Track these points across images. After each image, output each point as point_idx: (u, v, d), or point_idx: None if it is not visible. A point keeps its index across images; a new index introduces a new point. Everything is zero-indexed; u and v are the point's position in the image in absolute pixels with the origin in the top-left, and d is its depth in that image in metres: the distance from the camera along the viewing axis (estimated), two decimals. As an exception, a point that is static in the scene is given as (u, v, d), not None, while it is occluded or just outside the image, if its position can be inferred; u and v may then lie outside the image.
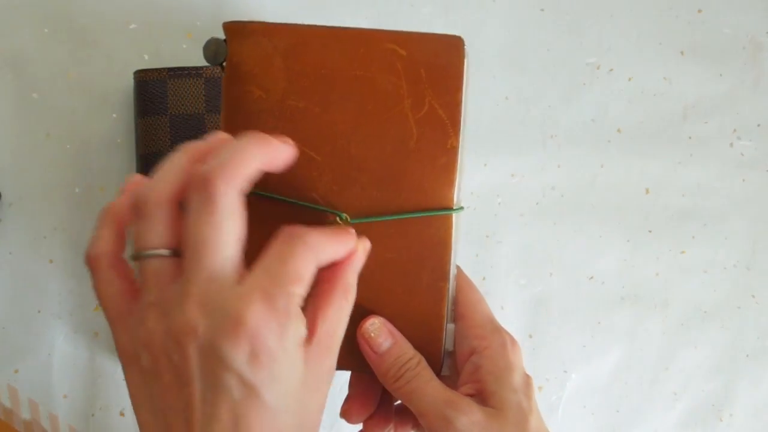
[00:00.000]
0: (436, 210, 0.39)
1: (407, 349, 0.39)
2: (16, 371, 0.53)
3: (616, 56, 0.59)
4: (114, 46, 0.54)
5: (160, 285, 0.32)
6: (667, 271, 0.59)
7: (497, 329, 0.40)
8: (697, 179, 0.59)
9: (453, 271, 0.40)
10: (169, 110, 0.52)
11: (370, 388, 0.41)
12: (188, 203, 0.31)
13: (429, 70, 0.39)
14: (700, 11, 0.60)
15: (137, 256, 0.33)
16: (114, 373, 0.54)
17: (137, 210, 0.33)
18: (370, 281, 0.39)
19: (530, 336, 0.58)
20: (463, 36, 0.40)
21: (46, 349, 0.53)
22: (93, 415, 0.54)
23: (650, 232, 0.59)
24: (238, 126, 0.38)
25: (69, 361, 0.53)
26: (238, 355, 0.29)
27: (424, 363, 0.38)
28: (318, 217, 0.38)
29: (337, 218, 0.38)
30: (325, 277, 0.34)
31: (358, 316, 0.39)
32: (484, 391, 0.38)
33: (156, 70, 0.52)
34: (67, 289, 0.54)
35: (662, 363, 0.59)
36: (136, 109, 0.52)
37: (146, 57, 0.55)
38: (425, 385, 0.38)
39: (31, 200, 0.53)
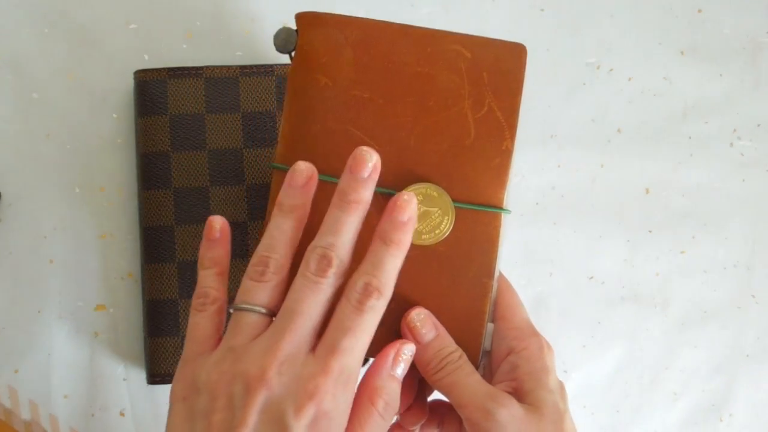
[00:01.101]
0: (487, 206, 0.40)
1: (449, 343, 0.39)
2: (16, 371, 0.53)
3: (616, 56, 0.59)
4: (114, 46, 0.54)
5: (248, 336, 0.35)
6: (667, 271, 0.59)
7: (535, 333, 0.41)
8: (697, 179, 0.59)
9: (497, 272, 0.41)
10: (169, 110, 0.52)
11: (408, 380, 0.41)
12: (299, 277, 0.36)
13: (491, 74, 0.41)
14: (700, 11, 0.60)
15: (239, 308, 0.36)
16: (114, 373, 0.54)
17: (258, 270, 0.37)
18: (419, 271, 0.40)
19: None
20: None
21: (46, 349, 0.53)
22: (93, 415, 0.54)
23: (650, 232, 0.59)
24: (300, 112, 0.40)
25: (69, 361, 0.53)
26: (300, 423, 0.32)
27: (465, 357, 0.39)
28: (376, 201, 0.38)
29: (402, 196, 0.38)
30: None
31: (404, 305, 0.40)
32: (521, 390, 0.38)
33: (156, 70, 0.52)
34: (67, 289, 0.54)
35: (662, 363, 0.59)
36: (136, 109, 0.52)
37: (146, 57, 0.55)
38: (467, 378, 0.38)
39: (31, 200, 0.53)
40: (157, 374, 0.51)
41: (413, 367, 0.40)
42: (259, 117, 0.52)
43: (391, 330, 0.40)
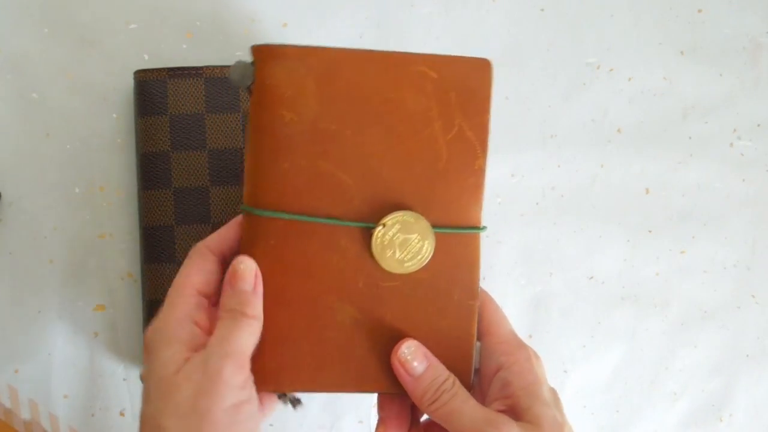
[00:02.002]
0: (466, 228, 0.40)
1: (442, 371, 0.39)
2: (16, 371, 0.53)
3: (616, 56, 0.59)
4: (114, 46, 0.54)
5: None
6: (667, 271, 0.59)
7: (521, 344, 0.40)
8: (697, 179, 0.59)
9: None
10: (169, 110, 0.52)
11: (402, 408, 0.42)
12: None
13: (459, 93, 0.40)
14: (700, 11, 0.60)
15: None
16: (114, 373, 0.54)
17: None
18: (405, 300, 0.40)
19: (530, 336, 0.58)
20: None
21: (46, 349, 0.53)
22: (93, 415, 0.54)
23: (650, 232, 0.59)
24: (266, 149, 0.39)
25: (69, 361, 0.53)
26: None
27: (458, 383, 0.39)
28: (351, 234, 0.39)
29: (376, 228, 0.39)
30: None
31: (392, 336, 0.40)
32: (517, 407, 0.38)
33: (156, 70, 0.52)
34: (67, 289, 0.54)
35: (662, 363, 0.59)
36: (136, 109, 0.52)
37: (146, 57, 0.55)
38: (463, 406, 0.38)
39: (31, 200, 0.54)
40: (157, 374, 0.51)
41: (403, 398, 0.41)
42: (259, 117, 0.52)
43: (381, 362, 0.40)
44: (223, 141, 0.52)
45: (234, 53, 0.55)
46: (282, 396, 0.43)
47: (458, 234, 0.40)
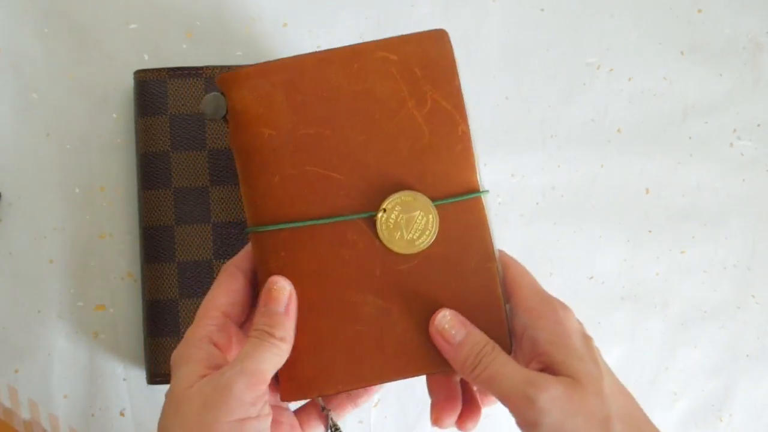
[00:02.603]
0: (465, 194, 0.40)
1: (480, 337, 0.39)
2: (16, 371, 0.53)
3: (616, 56, 0.59)
4: (114, 46, 0.54)
5: None
6: (667, 271, 0.59)
7: (545, 299, 0.40)
8: (697, 179, 0.59)
9: (497, 251, 0.41)
10: (169, 110, 0.52)
11: (451, 389, 0.42)
12: None
13: (423, 68, 0.40)
14: (700, 11, 0.60)
15: None
16: (114, 373, 0.54)
17: None
18: (425, 279, 0.40)
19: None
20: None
21: (46, 349, 0.53)
22: (93, 415, 0.54)
23: (650, 232, 0.59)
24: (254, 169, 0.39)
25: (69, 361, 0.53)
26: None
27: (498, 348, 0.38)
28: (356, 227, 0.39)
29: (378, 215, 0.39)
30: None
31: (421, 317, 0.40)
32: (552, 363, 0.37)
33: (156, 70, 0.52)
34: (67, 289, 0.54)
35: (662, 363, 0.59)
36: (136, 109, 0.52)
37: (146, 57, 0.55)
38: (503, 369, 0.37)
39: (31, 200, 0.53)
40: (157, 374, 0.51)
41: (449, 377, 0.41)
42: (259, 117, 0.52)
43: (417, 344, 0.40)
44: (223, 141, 0.52)
45: (234, 53, 0.55)
46: (324, 409, 0.43)
47: (460, 202, 0.40)
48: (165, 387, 0.38)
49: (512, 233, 0.57)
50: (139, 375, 0.54)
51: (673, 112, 0.59)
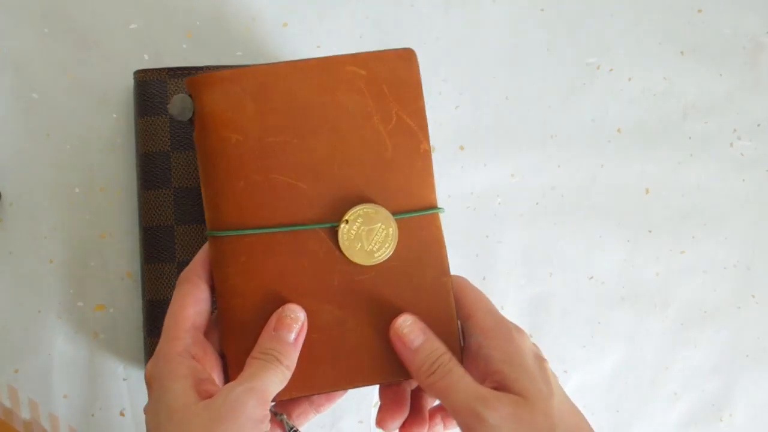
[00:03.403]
0: (424, 210, 0.41)
1: (438, 345, 0.40)
2: (16, 371, 0.53)
3: (616, 56, 0.59)
4: (114, 46, 0.54)
5: None
6: (667, 271, 0.59)
7: (500, 320, 0.40)
8: (697, 179, 0.59)
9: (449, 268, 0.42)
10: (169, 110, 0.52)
11: (399, 395, 0.43)
12: None
13: (390, 85, 0.41)
14: (700, 11, 0.60)
15: None
16: (114, 373, 0.54)
17: None
18: (382, 291, 0.41)
19: (530, 336, 0.58)
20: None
21: (46, 349, 0.53)
22: (93, 415, 0.54)
23: (650, 232, 0.59)
24: (220, 173, 0.40)
25: (69, 361, 0.53)
26: None
27: (455, 360, 0.39)
28: (318, 236, 0.40)
29: (338, 226, 0.40)
30: None
31: (379, 324, 0.41)
32: (505, 381, 0.38)
33: (156, 70, 0.52)
34: (67, 289, 0.54)
35: (662, 363, 0.59)
36: (136, 109, 0.52)
37: (146, 57, 0.55)
38: (458, 381, 0.38)
39: (31, 200, 0.54)
40: (157, 374, 0.51)
41: (400, 385, 0.42)
42: (259, 117, 0.52)
43: (372, 354, 0.41)
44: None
45: (234, 53, 0.55)
46: (278, 415, 0.43)
47: (418, 217, 0.41)
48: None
49: (512, 233, 0.57)
50: (139, 375, 0.54)
51: (673, 112, 0.59)
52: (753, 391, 0.60)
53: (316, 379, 0.40)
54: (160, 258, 0.51)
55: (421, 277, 0.41)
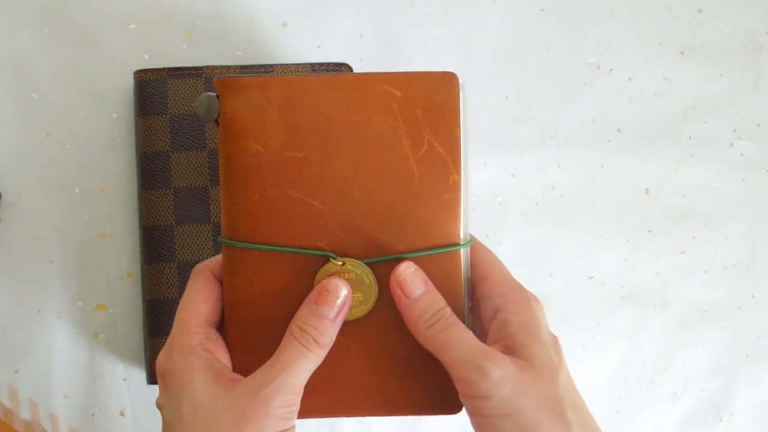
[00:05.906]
0: (444, 247, 0.39)
1: (439, 298, 0.38)
2: (16, 371, 0.53)
3: (616, 56, 0.59)
4: (114, 46, 0.54)
5: None
6: (667, 271, 0.59)
7: (519, 287, 0.39)
8: (697, 179, 0.59)
9: (467, 306, 0.40)
10: (169, 110, 0.52)
11: None
12: None
13: (425, 109, 0.39)
14: (700, 11, 0.60)
15: None
16: (114, 373, 0.54)
17: None
18: (384, 323, 0.39)
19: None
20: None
21: (46, 349, 0.53)
22: (93, 415, 0.54)
23: (650, 232, 0.59)
24: (237, 182, 0.39)
25: (69, 361, 0.53)
26: None
27: (455, 317, 0.38)
28: (324, 259, 0.39)
29: (342, 263, 0.39)
30: None
31: (379, 356, 0.40)
32: (514, 345, 0.37)
33: (156, 70, 0.52)
34: (67, 289, 0.54)
35: (662, 363, 0.59)
36: (136, 109, 0.52)
37: (146, 57, 0.55)
38: (461, 335, 0.37)
39: (31, 200, 0.54)
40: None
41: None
42: (259, 117, 0.52)
43: (370, 385, 0.40)
44: (223, 141, 0.52)
45: (234, 53, 0.55)
46: None
47: (438, 254, 0.39)
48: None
49: (512, 233, 0.57)
50: (139, 375, 0.54)
51: (673, 112, 0.59)
52: (753, 391, 0.60)
53: (309, 404, 0.39)
54: (160, 258, 0.51)
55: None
